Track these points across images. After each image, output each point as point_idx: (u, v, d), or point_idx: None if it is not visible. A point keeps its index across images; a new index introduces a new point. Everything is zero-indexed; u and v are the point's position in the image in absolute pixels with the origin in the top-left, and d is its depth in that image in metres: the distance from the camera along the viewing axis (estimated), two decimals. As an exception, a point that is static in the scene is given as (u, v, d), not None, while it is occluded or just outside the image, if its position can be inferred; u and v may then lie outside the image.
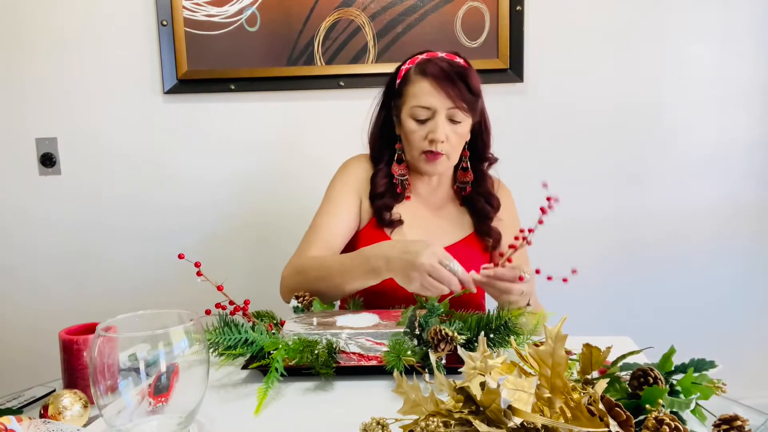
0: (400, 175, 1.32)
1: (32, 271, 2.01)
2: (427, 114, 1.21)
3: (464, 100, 1.20)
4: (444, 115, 1.20)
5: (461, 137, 1.25)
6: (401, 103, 1.25)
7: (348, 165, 1.37)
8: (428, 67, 1.21)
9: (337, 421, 0.79)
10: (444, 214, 1.35)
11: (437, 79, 1.19)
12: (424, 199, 1.35)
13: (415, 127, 1.22)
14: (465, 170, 1.33)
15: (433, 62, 1.21)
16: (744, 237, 1.97)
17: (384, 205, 1.29)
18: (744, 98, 1.90)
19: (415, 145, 1.24)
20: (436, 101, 1.19)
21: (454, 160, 1.27)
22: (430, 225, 1.32)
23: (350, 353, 0.94)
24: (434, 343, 0.89)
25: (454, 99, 1.19)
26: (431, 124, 1.20)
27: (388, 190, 1.31)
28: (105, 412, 0.69)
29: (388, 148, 1.33)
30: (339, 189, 1.33)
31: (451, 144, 1.22)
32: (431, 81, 1.19)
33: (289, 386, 0.91)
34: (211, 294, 1.03)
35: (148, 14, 1.88)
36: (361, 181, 1.33)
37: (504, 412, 0.56)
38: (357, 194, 1.33)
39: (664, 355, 0.79)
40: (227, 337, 0.93)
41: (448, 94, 1.19)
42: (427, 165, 1.24)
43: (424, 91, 1.20)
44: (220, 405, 0.85)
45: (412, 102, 1.22)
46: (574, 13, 1.87)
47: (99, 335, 0.68)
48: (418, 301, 1.09)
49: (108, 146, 1.95)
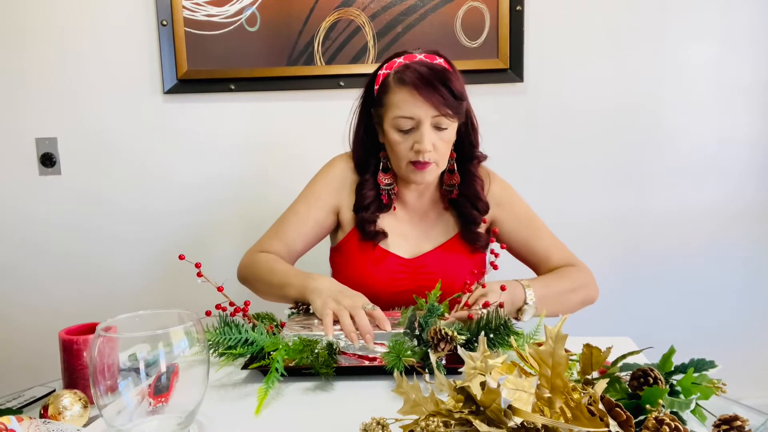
0: (386, 185, 1.27)
1: (32, 271, 2.00)
2: (410, 124, 1.14)
3: (448, 106, 1.12)
4: (429, 124, 1.13)
5: (448, 143, 1.19)
6: (382, 113, 1.19)
7: (333, 165, 1.32)
8: (407, 74, 1.13)
9: (337, 421, 0.79)
10: (427, 219, 1.30)
11: (417, 87, 1.11)
12: (409, 207, 1.31)
13: (399, 139, 1.16)
14: (452, 172, 1.28)
15: (412, 68, 1.13)
16: (744, 237, 1.97)
17: (369, 218, 1.25)
18: (744, 98, 1.90)
19: (401, 156, 1.18)
20: (419, 111, 1.12)
21: (443, 167, 1.22)
22: (411, 233, 1.29)
23: (350, 354, 0.94)
24: (434, 343, 0.89)
25: (438, 106, 1.12)
26: (416, 134, 1.14)
27: (374, 202, 1.26)
28: (105, 412, 0.69)
29: (373, 156, 1.27)
30: (318, 191, 1.29)
31: (439, 152, 1.17)
32: (411, 90, 1.12)
33: (289, 386, 0.91)
34: (211, 295, 1.03)
35: (148, 14, 1.88)
36: (343, 186, 1.29)
37: (504, 412, 0.56)
38: (336, 200, 1.29)
39: (664, 355, 0.79)
40: (227, 337, 0.93)
41: (431, 102, 1.11)
42: (416, 175, 1.18)
43: (406, 100, 1.13)
44: (220, 405, 0.85)
45: (394, 113, 1.15)
46: (574, 13, 1.87)
47: (99, 335, 0.68)
48: (417, 302, 1.09)
49: (108, 146, 1.95)
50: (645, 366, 0.75)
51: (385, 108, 1.18)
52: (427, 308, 1.00)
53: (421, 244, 1.28)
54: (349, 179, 1.30)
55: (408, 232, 1.29)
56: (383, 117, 1.19)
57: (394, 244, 1.27)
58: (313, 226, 1.28)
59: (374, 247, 1.25)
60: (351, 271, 1.26)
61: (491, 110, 1.92)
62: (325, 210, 1.29)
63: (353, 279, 1.22)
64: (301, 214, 1.28)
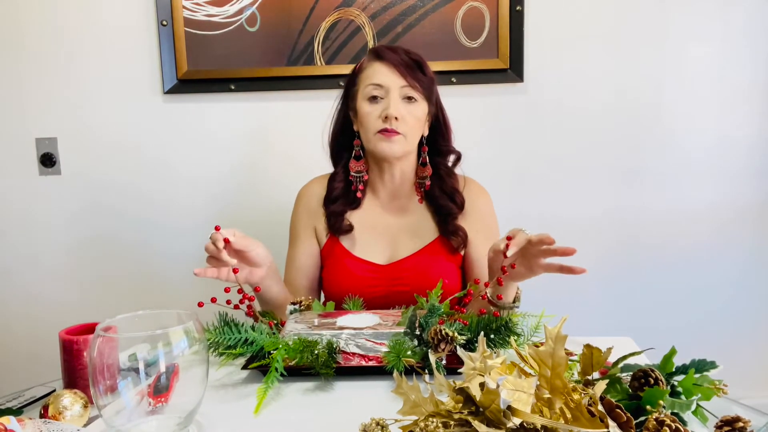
0: (356, 171, 1.30)
1: (32, 270, 2.00)
2: (380, 92, 1.21)
3: (416, 79, 1.21)
4: (398, 94, 1.21)
5: (416, 120, 1.23)
6: (356, 91, 1.26)
7: (300, 195, 1.38)
8: (379, 49, 1.24)
9: (337, 421, 0.79)
10: (406, 221, 1.31)
11: (390, 60, 1.21)
12: (385, 204, 1.32)
13: (369, 109, 1.22)
14: (424, 165, 1.31)
15: (385, 47, 1.25)
16: (744, 237, 1.97)
17: (337, 210, 1.28)
18: (744, 98, 1.90)
19: (370, 126, 1.22)
20: (388, 79, 1.21)
21: (411, 145, 1.25)
22: (391, 233, 1.29)
23: (350, 353, 0.93)
24: (434, 343, 0.88)
25: (406, 77, 1.20)
26: (384, 102, 1.21)
27: (343, 194, 1.30)
28: (104, 412, 0.69)
29: (347, 147, 1.32)
30: (295, 223, 1.36)
31: (407, 124, 1.21)
32: (384, 62, 1.22)
33: (289, 386, 0.91)
34: (211, 295, 1.03)
35: (148, 14, 1.88)
36: (312, 208, 1.34)
37: (503, 413, 0.56)
38: (311, 223, 1.34)
39: (664, 356, 0.78)
40: (227, 336, 0.93)
41: (401, 72, 1.20)
42: (384, 144, 1.21)
43: (377, 70, 1.22)
44: (220, 405, 0.85)
45: (366, 82, 1.23)
46: (574, 13, 1.87)
47: (99, 335, 0.68)
48: (419, 301, 1.09)
49: (108, 146, 1.95)
50: (646, 367, 0.75)
51: (358, 85, 1.26)
52: (428, 308, 1.00)
53: (402, 245, 1.28)
54: (316, 197, 1.34)
55: (387, 232, 1.29)
56: (357, 95, 1.25)
57: (368, 248, 1.28)
58: (307, 259, 1.33)
59: (347, 255, 1.27)
60: (329, 279, 1.29)
61: (491, 110, 1.92)
62: (308, 239, 1.34)
63: (331, 286, 1.28)
64: (292, 257, 1.34)
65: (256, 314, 1.07)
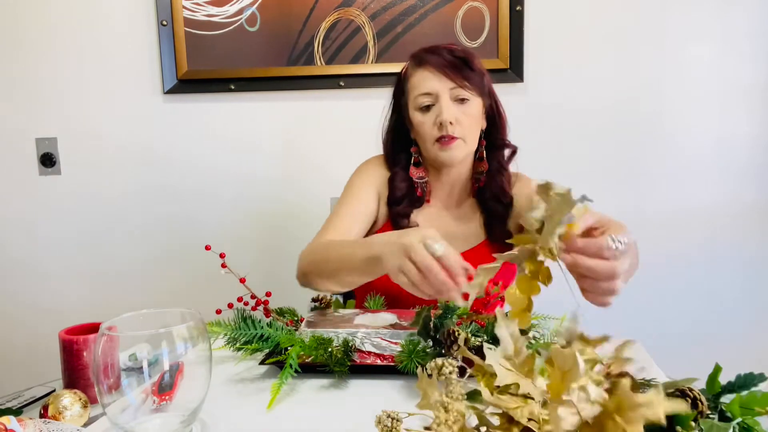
0: (419, 177, 1.26)
1: (32, 270, 2.00)
2: (430, 100, 1.17)
3: (465, 78, 1.16)
4: (448, 97, 1.16)
5: (473, 118, 1.18)
6: (407, 101, 1.22)
7: (367, 165, 1.33)
8: (424, 56, 1.18)
9: (350, 418, 0.78)
10: (460, 219, 1.28)
11: (434, 64, 1.16)
12: (443, 201, 1.30)
13: (422, 118, 1.18)
14: (481, 160, 1.26)
15: (426, 50, 1.19)
16: (744, 237, 1.97)
17: (402, 212, 1.25)
18: (744, 98, 1.90)
19: (427, 136, 1.18)
20: (436, 84, 1.16)
21: (471, 145, 1.20)
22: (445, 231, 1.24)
23: (366, 352, 0.93)
24: (447, 344, 0.87)
25: (454, 78, 1.15)
26: (436, 108, 1.16)
27: (407, 194, 1.26)
28: (109, 411, 0.69)
29: (404, 152, 1.28)
30: (359, 185, 1.29)
31: (463, 126, 1.16)
32: (428, 67, 1.17)
33: (305, 383, 0.90)
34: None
35: (148, 14, 1.88)
36: (380, 181, 1.29)
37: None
38: (376, 191, 1.29)
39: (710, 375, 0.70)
40: (243, 332, 0.94)
41: (447, 74, 1.15)
42: (443, 151, 1.17)
43: (423, 78, 1.17)
44: (234, 400, 0.85)
45: (414, 93, 1.18)
46: (574, 13, 1.87)
47: (103, 334, 0.68)
48: (439, 302, 1.06)
49: (108, 146, 1.95)
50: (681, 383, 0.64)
51: (407, 94, 1.22)
52: (442, 308, 0.98)
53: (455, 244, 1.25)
54: (382, 176, 1.30)
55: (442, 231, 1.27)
56: (408, 105, 1.22)
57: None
58: (365, 212, 1.26)
59: None
60: None
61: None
62: (372, 198, 1.28)
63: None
64: (352, 205, 1.26)
65: (272, 314, 1.07)
